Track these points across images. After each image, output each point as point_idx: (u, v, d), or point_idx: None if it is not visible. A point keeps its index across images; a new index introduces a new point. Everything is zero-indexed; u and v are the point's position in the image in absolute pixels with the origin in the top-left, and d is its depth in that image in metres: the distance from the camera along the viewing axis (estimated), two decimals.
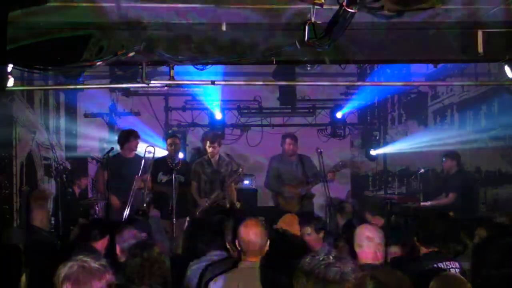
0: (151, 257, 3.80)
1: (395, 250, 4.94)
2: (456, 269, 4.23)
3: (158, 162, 7.89)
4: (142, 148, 7.82)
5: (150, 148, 7.66)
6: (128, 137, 7.76)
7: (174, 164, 7.61)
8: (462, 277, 3.29)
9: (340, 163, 8.36)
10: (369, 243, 4.11)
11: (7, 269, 3.68)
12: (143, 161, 7.52)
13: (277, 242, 4.04)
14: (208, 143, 8.03)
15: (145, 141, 8.33)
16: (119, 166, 7.57)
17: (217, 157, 8.02)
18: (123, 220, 6.70)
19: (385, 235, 4.25)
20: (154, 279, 3.75)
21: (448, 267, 4.25)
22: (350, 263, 2.44)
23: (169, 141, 8.17)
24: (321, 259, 2.42)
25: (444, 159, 8.51)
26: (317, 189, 8.44)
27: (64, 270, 2.45)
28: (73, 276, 2.42)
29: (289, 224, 5.54)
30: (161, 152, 8.33)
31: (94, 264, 2.50)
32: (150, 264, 3.78)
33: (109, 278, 2.60)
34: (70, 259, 2.50)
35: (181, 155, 8.79)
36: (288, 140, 8.43)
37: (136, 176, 7.40)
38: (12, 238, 5.25)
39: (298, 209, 7.97)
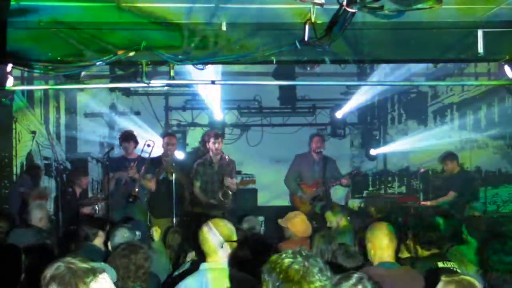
0: (138, 261, 3.89)
1: None
2: (454, 268, 4.22)
3: (154, 162, 7.82)
4: (141, 144, 7.82)
5: (150, 141, 7.63)
6: (125, 138, 7.79)
7: (171, 166, 7.57)
8: (471, 278, 3.23)
9: (354, 171, 8.50)
10: (382, 242, 4.00)
11: (6, 269, 3.68)
12: (141, 154, 7.56)
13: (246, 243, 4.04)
14: (212, 140, 7.86)
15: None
16: (122, 166, 7.62)
17: (219, 156, 7.91)
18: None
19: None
20: (138, 281, 3.84)
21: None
22: (319, 263, 2.29)
23: (166, 139, 8.00)
24: (286, 257, 2.29)
25: (444, 161, 8.44)
26: None
27: (50, 270, 2.39)
28: (58, 277, 2.36)
29: (295, 223, 5.57)
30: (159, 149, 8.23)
31: (82, 266, 2.40)
32: (136, 268, 3.87)
33: None
34: (57, 259, 2.44)
35: (181, 155, 8.76)
36: (316, 138, 8.79)
37: (132, 164, 7.42)
38: (11, 238, 5.23)
39: (310, 210, 8.01)
